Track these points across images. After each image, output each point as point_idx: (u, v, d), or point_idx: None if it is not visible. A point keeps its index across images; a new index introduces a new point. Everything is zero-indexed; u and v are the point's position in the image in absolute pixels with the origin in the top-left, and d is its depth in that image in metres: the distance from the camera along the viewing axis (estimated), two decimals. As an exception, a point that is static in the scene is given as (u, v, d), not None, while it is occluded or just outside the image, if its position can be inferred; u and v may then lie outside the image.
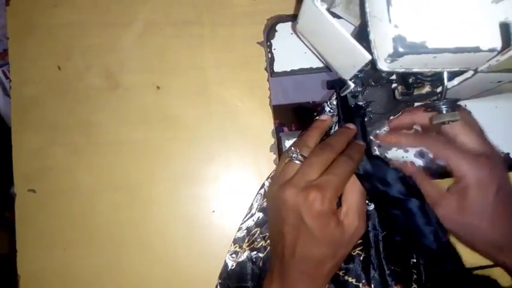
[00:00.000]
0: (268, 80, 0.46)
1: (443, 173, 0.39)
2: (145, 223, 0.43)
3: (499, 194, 0.35)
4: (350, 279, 0.39)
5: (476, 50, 0.26)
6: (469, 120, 0.38)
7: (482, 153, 0.36)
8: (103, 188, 0.43)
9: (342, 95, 0.41)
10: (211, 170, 0.44)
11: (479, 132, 0.38)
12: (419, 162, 0.44)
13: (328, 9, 0.40)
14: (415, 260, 0.38)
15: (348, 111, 0.41)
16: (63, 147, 0.44)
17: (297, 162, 0.36)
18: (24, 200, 0.43)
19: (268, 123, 0.45)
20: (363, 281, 0.38)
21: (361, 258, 0.39)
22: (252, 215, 0.42)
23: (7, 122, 0.99)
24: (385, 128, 0.44)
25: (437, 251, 0.35)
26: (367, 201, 0.40)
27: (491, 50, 0.26)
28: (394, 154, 0.44)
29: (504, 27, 0.25)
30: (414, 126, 0.43)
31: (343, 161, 0.35)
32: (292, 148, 0.37)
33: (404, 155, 0.44)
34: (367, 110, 0.43)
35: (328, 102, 0.43)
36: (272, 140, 0.45)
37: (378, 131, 0.44)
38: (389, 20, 0.26)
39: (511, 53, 0.25)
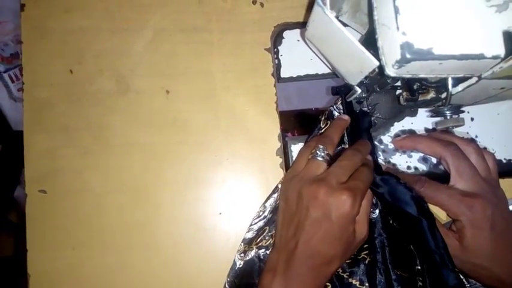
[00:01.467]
0: (275, 86, 0.47)
1: (447, 177, 0.40)
2: (154, 224, 0.44)
3: (495, 229, 0.36)
4: (354, 282, 0.39)
5: (481, 57, 0.27)
6: (456, 165, 0.39)
7: (473, 193, 0.37)
8: (112, 189, 0.44)
9: (348, 100, 0.42)
10: (218, 173, 0.45)
11: (469, 174, 0.38)
12: (423, 167, 0.45)
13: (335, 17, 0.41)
14: (419, 267, 0.39)
15: (354, 118, 0.42)
16: (73, 149, 0.45)
17: (320, 159, 0.37)
18: (35, 200, 0.44)
19: (274, 127, 0.46)
20: (366, 284, 0.39)
21: (366, 262, 0.39)
22: (264, 217, 0.43)
23: (12, 126, 1.00)
24: (389, 134, 0.45)
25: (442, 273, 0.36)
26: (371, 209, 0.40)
27: (494, 57, 0.27)
28: (398, 159, 0.45)
29: (507, 35, 0.26)
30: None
31: (367, 169, 0.37)
32: (319, 145, 0.38)
33: (408, 160, 0.45)
34: (373, 115, 0.44)
35: (335, 106, 0.44)
36: (278, 144, 0.46)
37: (381, 137, 0.45)
38: (398, 28, 0.27)
39: (514, 60, 0.26)
